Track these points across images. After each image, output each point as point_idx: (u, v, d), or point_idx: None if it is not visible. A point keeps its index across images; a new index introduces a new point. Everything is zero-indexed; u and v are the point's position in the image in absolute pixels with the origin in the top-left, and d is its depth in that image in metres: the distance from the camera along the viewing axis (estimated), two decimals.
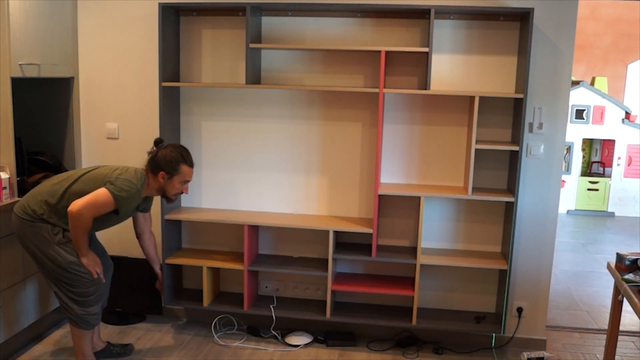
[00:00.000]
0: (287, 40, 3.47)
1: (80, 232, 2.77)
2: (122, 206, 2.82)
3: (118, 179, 2.82)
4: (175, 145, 2.98)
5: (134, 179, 2.85)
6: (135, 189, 2.84)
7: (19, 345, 3.34)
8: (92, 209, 2.74)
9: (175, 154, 2.92)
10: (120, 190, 2.79)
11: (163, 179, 2.92)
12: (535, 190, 3.42)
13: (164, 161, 2.90)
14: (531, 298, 3.53)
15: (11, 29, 3.01)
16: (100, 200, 2.75)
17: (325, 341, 3.55)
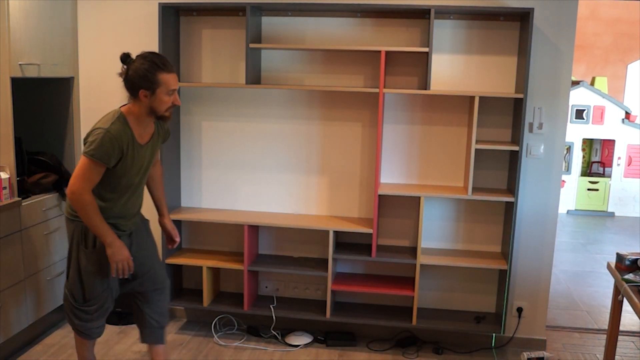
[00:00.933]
0: (287, 40, 3.47)
1: (90, 213, 2.41)
2: (105, 158, 2.39)
3: (89, 136, 2.44)
4: (144, 55, 2.46)
5: (102, 123, 2.44)
6: (104, 132, 2.38)
7: (19, 346, 3.34)
8: (80, 180, 2.39)
9: (147, 65, 2.42)
10: (90, 144, 2.39)
11: (147, 98, 2.44)
12: (535, 190, 3.42)
13: (138, 77, 2.41)
14: (531, 298, 3.53)
15: (11, 29, 3.01)
16: (83, 167, 2.40)
17: (325, 341, 3.55)
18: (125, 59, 2.47)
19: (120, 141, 2.42)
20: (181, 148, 3.68)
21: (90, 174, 2.41)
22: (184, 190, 3.72)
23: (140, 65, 2.42)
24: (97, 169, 2.41)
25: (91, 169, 2.40)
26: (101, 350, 3.38)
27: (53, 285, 3.53)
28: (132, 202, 2.62)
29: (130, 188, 2.57)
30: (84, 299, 2.61)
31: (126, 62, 2.47)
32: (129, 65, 2.45)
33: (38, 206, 3.35)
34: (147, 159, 2.60)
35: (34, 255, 3.34)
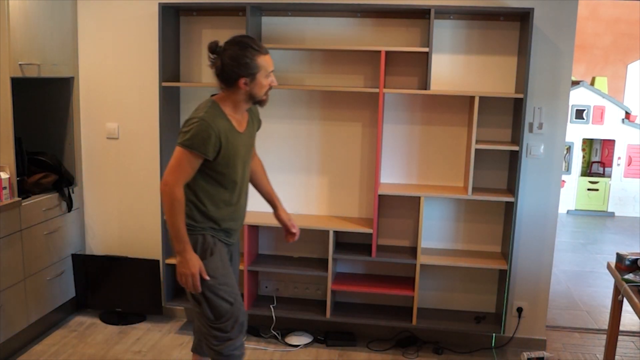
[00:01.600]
0: (287, 40, 3.47)
1: (176, 211, 2.23)
2: (202, 148, 2.22)
3: (183, 127, 2.28)
4: (235, 41, 2.28)
5: (195, 112, 2.28)
6: (199, 120, 2.22)
7: (19, 345, 3.34)
8: (175, 171, 2.21)
9: (244, 50, 2.24)
10: (185, 134, 2.22)
11: (246, 85, 2.28)
12: (535, 190, 3.42)
13: (237, 65, 2.24)
14: (531, 298, 3.53)
15: (11, 29, 3.01)
16: (178, 158, 2.22)
17: (325, 341, 3.55)
18: (215, 47, 2.29)
19: (217, 129, 2.24)
20: None
21: (185, 165, 2.23)
22: None
23: (237, 52, 2.25)
24: (193, 160, 2.23)
25: (187, 160, 2.23)
26: (101, 350, 3.38)
27: (53, 285, 3.53)
28: (242, 201, 2.47)
29: (237, 184, 2.40)
30: (216, 315, 2.38)
31: (216, 51, 2.29)
32: (221, 54, 2.27)
33: (38, 206, 3.35)
34: (247, 148, 2.44)
35: (34, 255, 3.34)
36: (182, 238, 2.27)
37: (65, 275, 3.66)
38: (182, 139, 2.23)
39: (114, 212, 3.83)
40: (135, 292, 3.73)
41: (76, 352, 3.36)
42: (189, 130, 2.22)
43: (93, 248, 3.90)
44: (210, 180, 2.33)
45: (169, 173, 2.24)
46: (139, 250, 3.82)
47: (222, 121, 2.29)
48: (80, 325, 3.71)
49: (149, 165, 3.71)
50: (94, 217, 3.86)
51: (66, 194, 3.60)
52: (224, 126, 2.29)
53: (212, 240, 2.38)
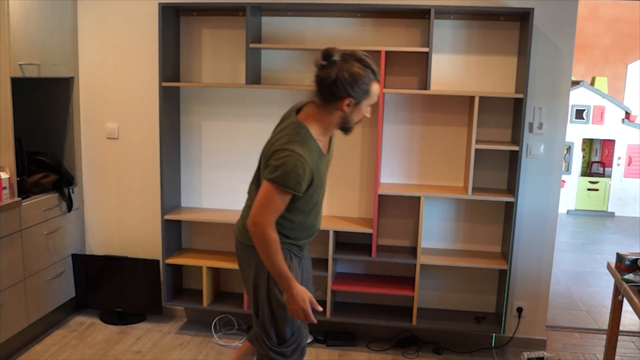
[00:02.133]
0: (287, 40, 3.47)
1: (272, 251, 2.06)
2: (297, 187, 2.04)
3: (269, 159, 2.06)
4: (359, 57, 2.05)
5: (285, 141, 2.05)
6: (292, 155, 2.02)
7: (19, 345, 3.34)
8: (265, 211, 2.04)
9: (364, 69, 2.02)
10: (276, 169, 2.01)
11: (348, 107, 2.07)
12: (535, 190, 3.42)
13: (352, 83, 2.01)
14: (531, 298, 3.53)
15: (11, 29, 3.01)
16: (269, 195, 2.03)
17: (325, 341, 3.55)
18: (330, 55, 2.03)
19: (310, 163, 2.06)
20: (181, 148, 3.68)
21: (276, 203, 2.04)
22: (184, 190, 3.72)
23: (357, 70, 2.02)
24: (285, 197, 2.05)
25: (278, 197, 2.04)
26: (101, 351, 3.39)
27: (53, 285, 3.53)
28: (319, 217, 2.33)
29: (317, 204, 2.25)
30: (280, 340, 2.26)
31: (331, 59, 2.04)
32: (341, 65, 2.03)
33: (38, 206, 3.35)
34: (328, 168, 2.28)
35: (34, 255, 3.34)
36: (285, 275, 2.09)
37: (65, 275, 3.66)
38: (273, 175, 2.02)
39: (114, 212, 3.83)
40: (135, 292, 3.73)
41: (76, 352, 3.36)
42: (280, 165, 2.00)
43: (93, 248, 3.90)
44: (292, 209, 2.15)
45: (258, 213, 2.05)
46: (139, 250, 3.82)
47: (313, 149, 2.09)
48: (80, 325, 3.71)
49: (149, 165, 3.72)
50: (94, 217, 3.86)
51: (66, 194, 3.60)
52: (315, 155, 2.09)
53: (287, 254, 2.22)
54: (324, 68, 2.05)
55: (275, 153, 2.04)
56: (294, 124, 2.11)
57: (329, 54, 2.03)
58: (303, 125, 2.10)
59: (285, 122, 2.17)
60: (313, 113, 2.12)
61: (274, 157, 2.04)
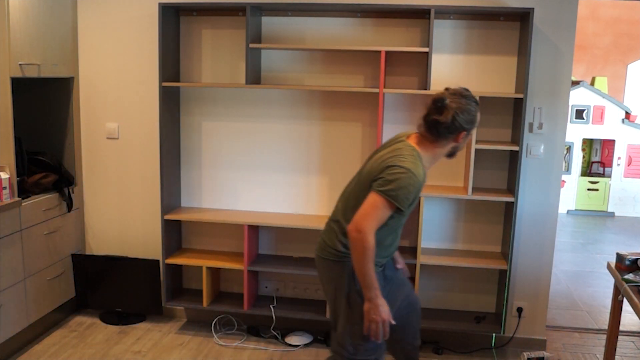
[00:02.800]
0: (287, 40, 3.47)
1: (368, 258, 2.13)
2: (405, 203, 2.17)
3: (382, 171, 2.18)
4: (462, 93, 2.22)
5: (401, 159, 2.17)
6: (408, 174, 2.14)
7: (19, 345, 3.34)
8: (371, 219, 2.13)
9: (474, 106, 2.22)
10: (389, 183, 2.14)
11: (463, 139, 2.26)
12: (535, 190, 3.42)
13: (467, 120, 2.20)
14: (531, 298, 3.53)
15: (11, 29, 3.01)
16: (377, 206, 2.14)
17: (325, 341, 3.55)
18: (442, 100, 2.20)
19: (419, 183, 2.19)
20: (181, 148, 3.68)
21: (382, 214, 2.15)
22: (184, 190, 3.72)
23: (471, 108, 2.21)
24: (390, 210, 2.16)
25: (385, 209, 2.15)
26: (101, 351, 3.39)
27: (53, 285, 3.53)
28: (397, 240, 2.44)
29: (402, 225, 2.38)
30: (358, 349, 2.31)
31: (443, 103, 2.20)
32: (454, 107, 2.18)
33: (38, 206, 3.35)
34: None
35: (34, 255, 3.34)
36: (372, 284, 2.16)
37: (65, 275, 3.66)
38: (386, 188, 2.14)
39: (114, 212, 3.83)
40: (135, 292, 3.73)
41: (76, 352, 3.36)
42: (394, 180, 2.13)
43: (93, 248, 3.90)
44: (382, 225, 2.21)
45: (363, 219, 2.13)
46: (139, 250, 3.82)
47: (422, 173, 2.21)
48: (80, 325, 3.71)
49: (149, 165, 3.72)
50: (94, 217, 3.86)
51: (66, 194, 3.60)
52: (423, 179, 2.22)
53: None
54: (438, 113, 2.20)
55: (389, 168, 2.17)
56: (409, 147, 2.24)
57: (441, 99, 2.20)
58: (417, 149, 2.24)
59: (397, 143, 2.29)
60: (424, 143, 2.27)
61: (388, 172, 2.16)
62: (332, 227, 2.36)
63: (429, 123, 2.22)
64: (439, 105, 2.20)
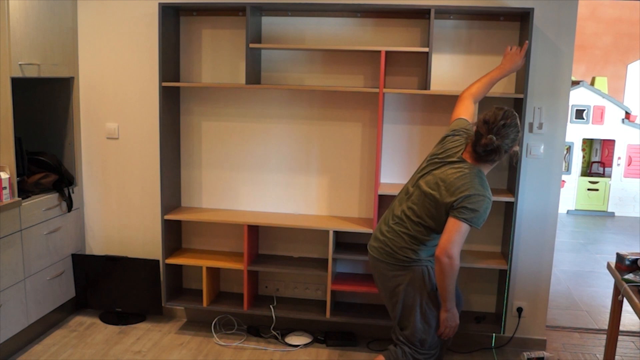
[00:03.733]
0: (287, 40, 3.47)
1: (453, 279, 2.44)
2: (481, 225, 2.46)
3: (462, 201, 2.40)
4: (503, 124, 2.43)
5: (479, 185, 2.43)
6: (488, 201, 2.43)
7: (19, 345, 3.34)
8: (458, 245, 2.40)
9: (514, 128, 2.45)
10: (473, 212, 2.40)
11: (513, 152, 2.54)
12: (535, 190, 3.42)
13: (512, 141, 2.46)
14: (531, 298, 3.53)
15: (11, 29, 3.01)
16: (462, 232, 2.40)
17: (325, 341, 3.55)
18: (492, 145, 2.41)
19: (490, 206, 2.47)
20: (181, 148, 3.68)
21: (464, 238, 2.43)
22: (184, 190, 3.72)
23: (515, 133, 2.46)
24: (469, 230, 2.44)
25: (467, 232, 2.43)
26: (101, 351, 3.39)
27: (53, 285, 3.54)
28: None
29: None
30: (427, 343, 2.60)
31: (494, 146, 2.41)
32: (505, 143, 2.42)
33: (38, 206, 3.35)
34: None
35: (34, 255, 3.34)
36: (452, 297, 2.50)
37: (65, 275, 3.66)
38: (470, 217, 2.39)
39: (114, 212, 3.83)
40: (135, 292, 3.73)
41: (76, 352, 3.36)
42: (476, 209, 2.39)
43: (93, 248, 3.90)
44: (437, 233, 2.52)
45: (453, 246, 2.39)
46: (139, 250, 3.82)
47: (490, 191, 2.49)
48: (80, 325, 3.71)
49: (149, 165, 3.72)
50: (94, 217, 3.86)
51: (66, 194, 3.60)
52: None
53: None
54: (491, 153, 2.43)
55: (471, 198, 2.40)
56: (475, 169, 2.47)
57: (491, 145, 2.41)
58: (481, 170, 2.49)
59: (461, 164, 2.49)
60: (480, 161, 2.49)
61: (469, 201, 2.39)
62: (400, 236, 2.56)
63: (482, 158, 2.47)
64: (490, 149, 2.41)
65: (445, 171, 2.51)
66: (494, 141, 2.39)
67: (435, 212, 2.49)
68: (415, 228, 2.53)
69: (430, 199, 2.50)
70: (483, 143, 2.42)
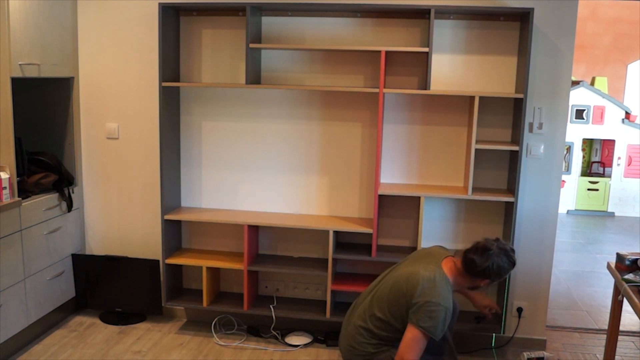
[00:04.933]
0: (287, 40, 3.47)
1: None
2: (439, 334, 2.50)
3: (421, 307, 2.46)
4: (507, 252, 2.56)
5: (438, 292, 2.48)
6: (445, 311, 2.47)
7: (19, 345, 3.34)
8: (414, 353, 2.45)
9: (509, 265, 2.55)
10: (430, 319, 2.45)
11: (484, 284, 2.60)
12: (535, 190, 3.42)
13: (496, 273, 2.54)
14: (531, 298, 3.53)
15: (11, 29, 3.01)
16: (419, 341, 2.46)
17: (325, 341, 3.55)
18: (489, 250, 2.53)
19: (450, 314, 2.52)
20: (181, 148, 3.68)
21: (422, 346, 2.48)
22: (184, 190, 3.72)
23: (504, 264, 2.53)
24: (427, 340, 2.49)
25: (425, 342, 2.48)
26: (101, 351, 3.39)
27: (53, 285, 3.54)
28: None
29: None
30: None
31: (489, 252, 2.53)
32: (494, 259, 2.51)
33: (38, 206, 3.35)
34: None
35: (34, 255, 3.34)
36: None
37: (65, 275, 3.66)
38: (427, 325, 2.45)
39: (114, 212, 3.83)
40: (135, 292, 3.73)
41: (76, 352, 3.36)
42: (434, 317, 2.44)
43: (93, 248, 3.90)
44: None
45: (409, 354, 2.45)
46: (139, 250, 3.82)
47: (451, 303, 2.54)
48: (80, 325, 3.71)
49: (149, 165, 3.72)
50: (94, 217, 3.86)
51: (66, 194, 3.60)
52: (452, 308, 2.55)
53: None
54: (480, 257, 2.52)
55: (428, 304, 2.45)
56: (444, 277, 2.53)
57: (488, 248, 2.53)
58: (449, 280, 2.54)
59: (433, 266, 2.55)
60: (454, 272, 2.57)
61: (427, 308, 2.45)
62: (360, 332, 2.64)
63: (467, 260, 2.54)
64: (485, 252, 2.52)
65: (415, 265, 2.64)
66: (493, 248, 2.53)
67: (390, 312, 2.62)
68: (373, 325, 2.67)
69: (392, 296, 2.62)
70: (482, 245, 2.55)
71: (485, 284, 2.58)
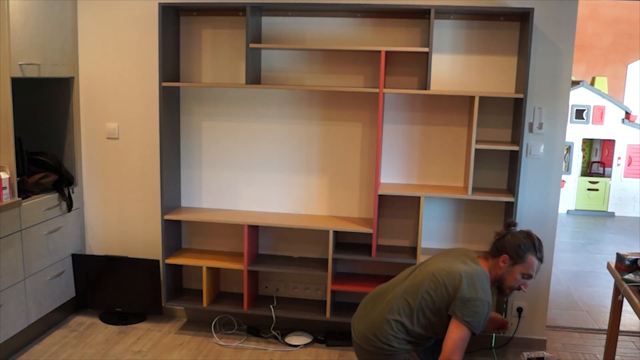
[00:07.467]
0: (287, 40, 3.47)
1: None
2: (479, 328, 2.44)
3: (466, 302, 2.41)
4: (530, 234, 2.58)
5: (481, 288, 2.44)
6: (488, 306, 2.43)
7: (19, 345, 3.34)
8: (460, 352, 2.40)
9: (528, 242, 2.53)
10: (474, 315, 2.40)
11: (504, 264, 2.52)
12: (535, 190, 3.42)
13: (512, 245, 2.51)
14: (531, 298, 3.53)
15: (11, 29, 3.01)
16: (464, 338, 2.41)
17: (325, 341, 3.55)
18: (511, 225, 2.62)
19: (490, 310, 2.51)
20: (181, 148, 3.68)
21: (466, 342, 2.43)
22: (184, 190, 3.72)
23: (522, 239, 2.53)
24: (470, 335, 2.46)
25: (468, 340, 2.43)
26: (101, 351, 3.39)
27: (53, 285, 3.54)
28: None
29: None
30: None
31: (510, 228, 2.61)
32: (510, 232, 2.58)
33: (38, 206, 3.35)
34: None
35: (34, 255, 3.34)
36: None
37: (65, 275, 3.66)
38: (471, 320, 2.39)
39: (114, 212, 3.83)
40: (135, 292, 3.73)
41: (76, 352, 3.36)
42: (479, 312, 2.40)
43: (93, 248, 3.90)
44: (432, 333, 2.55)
45: (454, 352, 2.39)
46: (139, 250, 3.82)
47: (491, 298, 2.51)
48: (80, 325, 3.71)
49: (149, 165, 3.72)
50: (94, 217, 3.86)
51: (66, 194, 3.60)
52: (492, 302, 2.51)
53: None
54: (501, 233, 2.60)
55: (474, 300, 2.40)
56: (483, 273, 2.51)
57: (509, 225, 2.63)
58: (488, 276, 2.53)
59: (473, 264, 2.54)
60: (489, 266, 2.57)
61: (473, 303, 2.40)
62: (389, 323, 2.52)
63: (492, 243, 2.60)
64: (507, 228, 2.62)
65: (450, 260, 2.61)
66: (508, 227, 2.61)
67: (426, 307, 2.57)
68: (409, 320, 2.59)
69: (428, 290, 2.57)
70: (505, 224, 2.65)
71: (504, 261, 2.50)
